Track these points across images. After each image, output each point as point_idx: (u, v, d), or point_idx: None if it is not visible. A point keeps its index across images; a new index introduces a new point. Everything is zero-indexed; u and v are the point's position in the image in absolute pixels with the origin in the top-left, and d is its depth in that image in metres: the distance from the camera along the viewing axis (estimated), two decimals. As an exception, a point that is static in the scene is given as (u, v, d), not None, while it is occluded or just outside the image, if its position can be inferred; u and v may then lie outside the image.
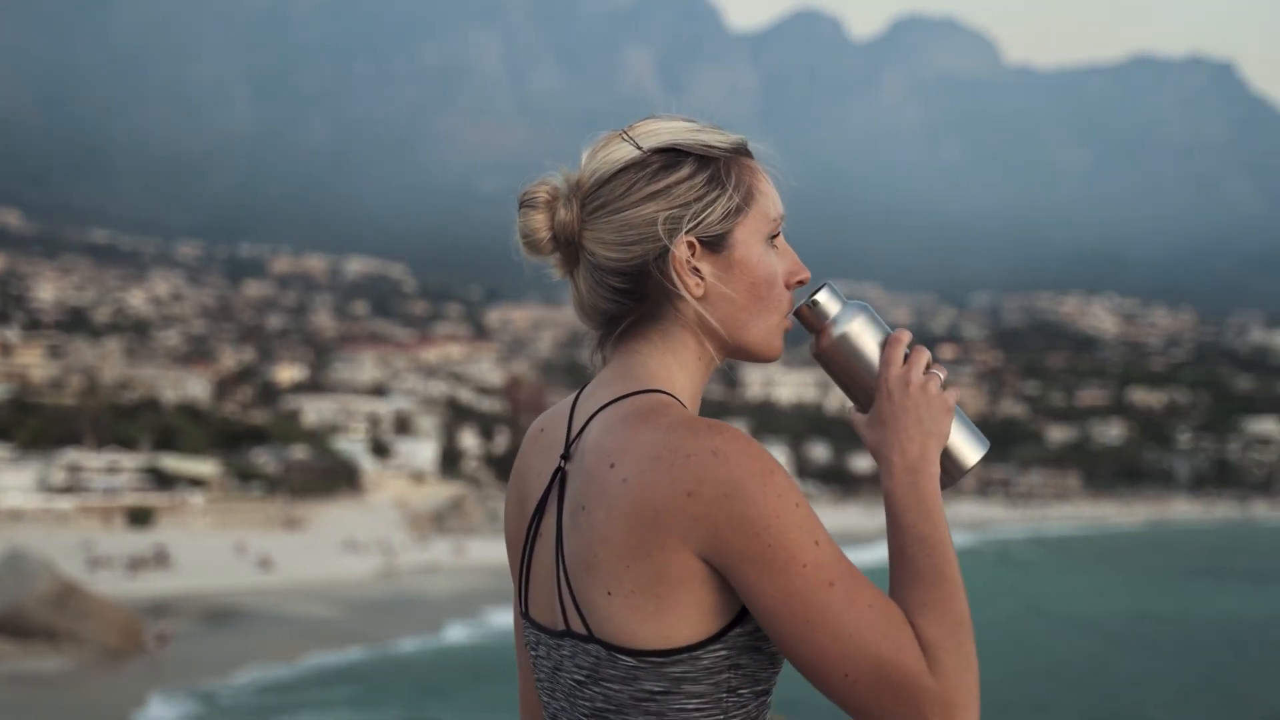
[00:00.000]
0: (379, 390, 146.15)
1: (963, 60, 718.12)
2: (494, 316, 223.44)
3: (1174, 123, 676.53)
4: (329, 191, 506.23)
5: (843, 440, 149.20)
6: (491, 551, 77.64)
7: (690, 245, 1.79)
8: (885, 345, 1.89)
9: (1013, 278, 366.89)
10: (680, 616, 1.66)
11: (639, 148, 1.81)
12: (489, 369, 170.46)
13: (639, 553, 1.65)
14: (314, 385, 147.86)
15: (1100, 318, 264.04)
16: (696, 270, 1.80)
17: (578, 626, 1.73)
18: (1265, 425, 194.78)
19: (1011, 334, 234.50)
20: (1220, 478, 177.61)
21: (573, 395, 1.91)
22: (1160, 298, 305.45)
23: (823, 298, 1.88)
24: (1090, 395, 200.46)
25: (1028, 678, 36.33)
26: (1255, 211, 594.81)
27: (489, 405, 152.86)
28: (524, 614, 1.88)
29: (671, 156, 1.80)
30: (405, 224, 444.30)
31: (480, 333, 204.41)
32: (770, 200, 1.85)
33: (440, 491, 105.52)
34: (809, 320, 1.89)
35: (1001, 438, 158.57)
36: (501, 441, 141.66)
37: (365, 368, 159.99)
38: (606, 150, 1.84)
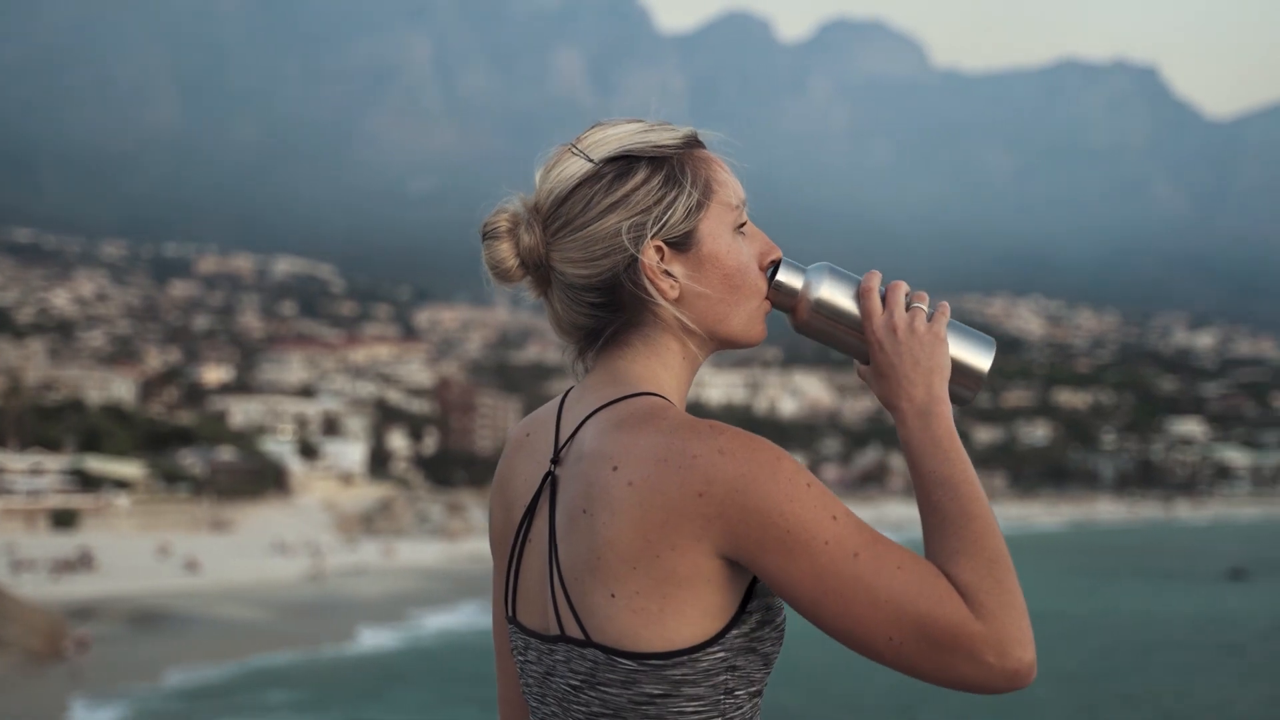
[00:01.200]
0: (307, 391, 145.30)
1: (891, 63, 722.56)
2: (423, 317, 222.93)
3: (1099, 127, 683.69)
4: (256, 191, 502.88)
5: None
6: (421, 553, 77.29)
7: (658, 249, 1.78)
8: (860, 296, 1.88)
9: (940, 279, 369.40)
10: (683, 619, 1.66)
11: (590, 160, 1.79)
12: (418, 370, 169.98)
13: (646, 554, 1.65)
14: (241, 386, 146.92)
15: (1026, 319, 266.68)
16: (668, 273, 1.79)
17: (574, 631, 1.72)
18: (1188, 426, 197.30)
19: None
20: (1144, 478, 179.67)
21: (557, 400, 1.90)
22: (1085, 300, 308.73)
23: (783, 276, 1.87)
24: (1016, 396, 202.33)
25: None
26: (1178, 214, 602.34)
27: (418, 406, 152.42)
28: (511, 619, 1.86)
29: (624, 164, 1.79)
30: (334, 224, 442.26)
31: (409, 333, 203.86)
32: (730, 189, 1.84)
33: (369, 493, 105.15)
34: (779, 302, 1.87)
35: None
36: (431, 443, 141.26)
37: (293, 368, 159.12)
38: (559, 168, 1.81)
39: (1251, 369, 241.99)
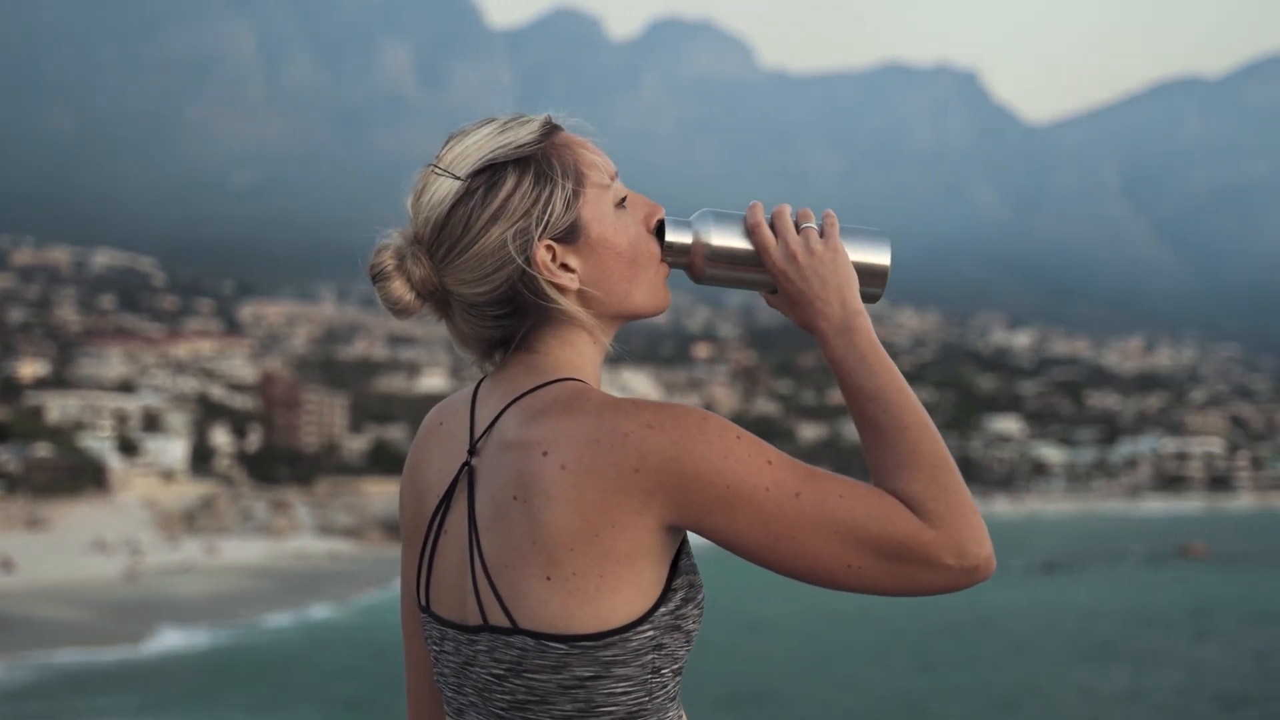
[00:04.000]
0: (127, 386, 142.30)
1: (719, 63, 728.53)
2: (247, 312, 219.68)
3: (921, 129, 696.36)
4: (74, 181, 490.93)
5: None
6: (245, 551, 76.28)
7: (549, 248, 1.78)
8: (750, 233, 1.87)
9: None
10: (618, 597, 1.68)
11: (457, 178, 1.77)
12: (241, 365, 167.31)
13: (585, 535, 1.66)
14: (58, 381, 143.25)
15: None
16: (566, 266, 1.80)
17: (499, 620, 1.72)
18: (1006, 424, 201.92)
19: (765, 334, 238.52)
20: (964, 474, 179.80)
21: (470, 389, 1.89)
22: (907, 299, 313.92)
23: (670, 236, 1.87)
24: (839, 394, 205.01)
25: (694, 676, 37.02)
26: (997, 216, 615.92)
27: (242, 402, 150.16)
28: (424, 608, 1.86)
29: (491, 174, 1.77)
30: (155, 216, 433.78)
31: (233, 328, 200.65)
32: (599, 168, 1.85)
33: (191, 490, 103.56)
34: (675, 261, 1.87)
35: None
36: (255, 439, 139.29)
37: (112, 363, 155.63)
38: (428, 192, 1.79)
39: (1066, 368, 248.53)
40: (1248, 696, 33.82)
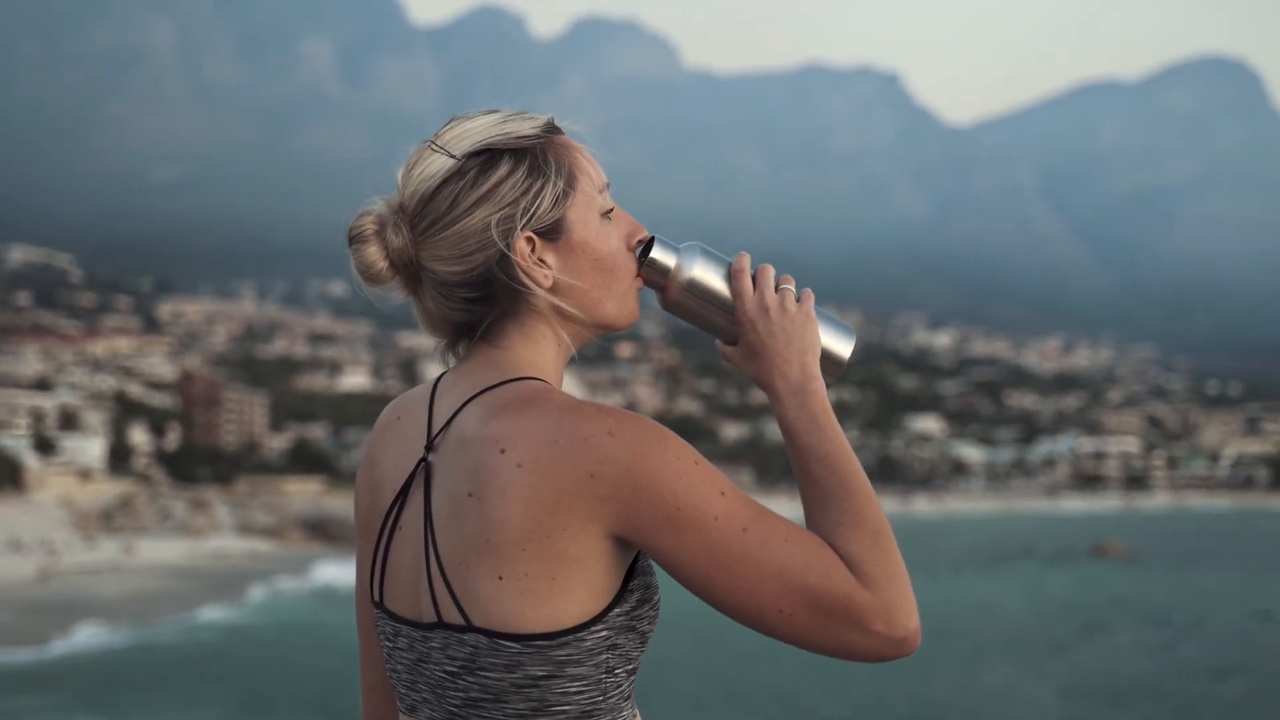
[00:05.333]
0: (43, 384, 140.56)
1: (643, 63, 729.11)
2: (166, 309, 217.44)
3: (844, 130, 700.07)
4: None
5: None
6: (164, 551, 75.69)
7: (529, 240, 1.79)
8: (731, 277, 1.90)
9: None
10: (570, 599, 1.67)
11: (452, 156, 1.78)
12: (160, 363, 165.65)
13: (538, 536, 1.66)
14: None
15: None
16: (542, 262, 1.80)
17: (453, 618, 1.72)
18: (926, 423, 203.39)
19: (688, 333, 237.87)
20: (884, 474, 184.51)
21: (429, 384, 1.88)
22: (830, 299, 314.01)
23: (656, 254, 1.89)
24: (762, 394, 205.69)
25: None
26: (919, 217, 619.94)
27: (160, 400, 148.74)
28: (377, 604, 1.85)
29: (487, 158, 1.78)
30: (72, 212, 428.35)
31: (151, 326, 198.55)
32: (593, 175, 1.87)
33: (109, 489, 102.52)
34: (650, 279, 1.89)
35: (677, 434, 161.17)
36: (174, 438, 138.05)
37: (28, 360, 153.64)
38: (421, 166, 1.80)
39: (986, 368, 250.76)
40: (1134, 692, 34.43)
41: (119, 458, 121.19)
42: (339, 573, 66.92)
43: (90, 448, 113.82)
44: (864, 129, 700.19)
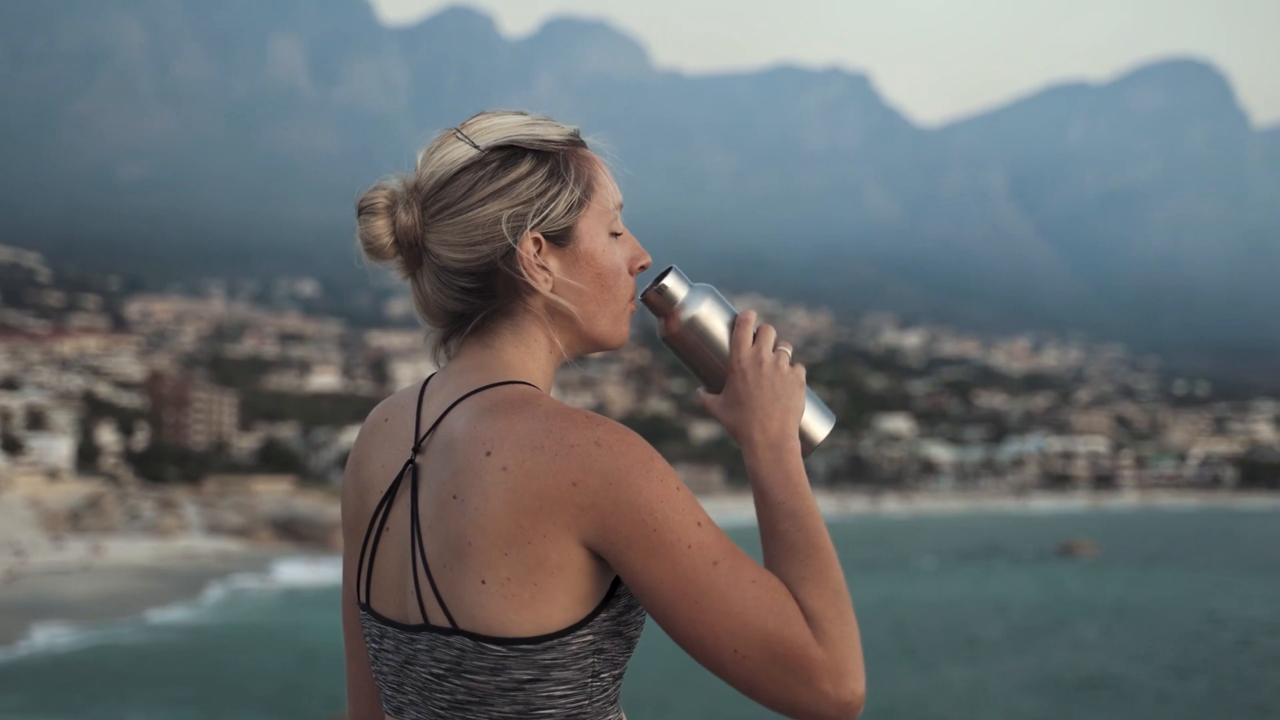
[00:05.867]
0: (10, 383, 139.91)
1: (614, 62, 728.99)
2: (134, 308, 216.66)
3: (814, 130, 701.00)
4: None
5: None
6: (132, 551, 75.42)
7: (536, 242, 1.79)
8: (734, 326, 1.91)
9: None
10: (554, 604, 1.67)
11: (476, 146, 1.80)
12: (129, 362, 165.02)
13: (519, 540, 1.66)
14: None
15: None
16: (543, 266, 1.80)
17: (439, 620, 1.72)
18: (896, 423, 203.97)
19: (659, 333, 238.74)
20: (854, 473, 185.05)
21: (418, 385, 1.88)
22: (799, 299, 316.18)
23: (670, 282, 1.90)
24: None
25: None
26: (888, 217, 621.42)
27: (129, 400, 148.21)
28: (364, 605, 1.85)
29: (510, 153, 1.80)
30: (40, 210, 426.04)
31: (120, 325, 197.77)
32: (609, 191, 1.88)
33: (76, 489, 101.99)
34: (657, 305, 1.90)
35: (647, 434, 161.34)
36: (142, 438, 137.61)
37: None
38: (443, 151, 1.81)
39: (955, 368, 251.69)
40: (1098, 690, 34.71)
41: (87, 457, 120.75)
42: (303, 572, 66.92)
43: (58, 447, 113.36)
44: (834, 129, 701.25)
